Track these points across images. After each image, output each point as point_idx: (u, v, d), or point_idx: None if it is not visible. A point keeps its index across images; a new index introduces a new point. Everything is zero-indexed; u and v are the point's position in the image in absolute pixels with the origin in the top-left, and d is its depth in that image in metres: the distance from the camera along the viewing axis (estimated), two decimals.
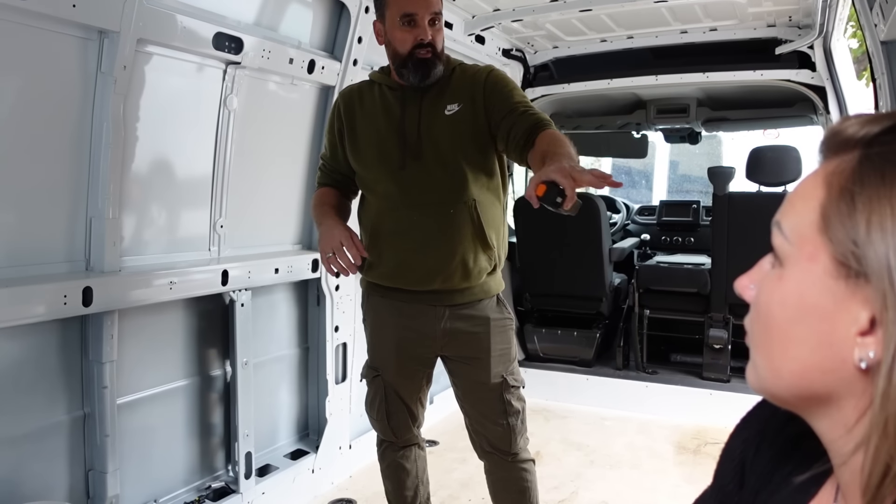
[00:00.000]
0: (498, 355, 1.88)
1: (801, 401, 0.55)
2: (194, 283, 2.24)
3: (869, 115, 0.53)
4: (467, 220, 1.78)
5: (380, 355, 1.96)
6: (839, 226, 0.50)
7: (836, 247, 0.50)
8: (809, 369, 0.52)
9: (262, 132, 2.51)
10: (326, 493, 2.81)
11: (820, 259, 0.51)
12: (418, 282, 1.82)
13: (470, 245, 1.80)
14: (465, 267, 1.80)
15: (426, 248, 1.78)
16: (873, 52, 2.17)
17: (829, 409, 0.53)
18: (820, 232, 0.51)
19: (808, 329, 0.51)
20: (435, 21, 1.74)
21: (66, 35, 1.81)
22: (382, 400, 1.96)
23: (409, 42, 1.73)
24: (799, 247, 0.52)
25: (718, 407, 3.47)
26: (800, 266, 0.52)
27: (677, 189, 8.13)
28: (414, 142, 1.77)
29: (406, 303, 1.87)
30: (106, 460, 1.96)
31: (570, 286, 4.07)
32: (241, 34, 2.23)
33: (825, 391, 0.52)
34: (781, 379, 0.55)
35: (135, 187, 2.07)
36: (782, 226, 0.54)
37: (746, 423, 0.71)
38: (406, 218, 1.79)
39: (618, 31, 3.70)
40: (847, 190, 0.50)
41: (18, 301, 1.70)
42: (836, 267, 0.50)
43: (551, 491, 2.78)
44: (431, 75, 1.76)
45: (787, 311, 0.53)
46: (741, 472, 0.69)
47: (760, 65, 3.57)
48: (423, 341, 1.89)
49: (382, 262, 1.84)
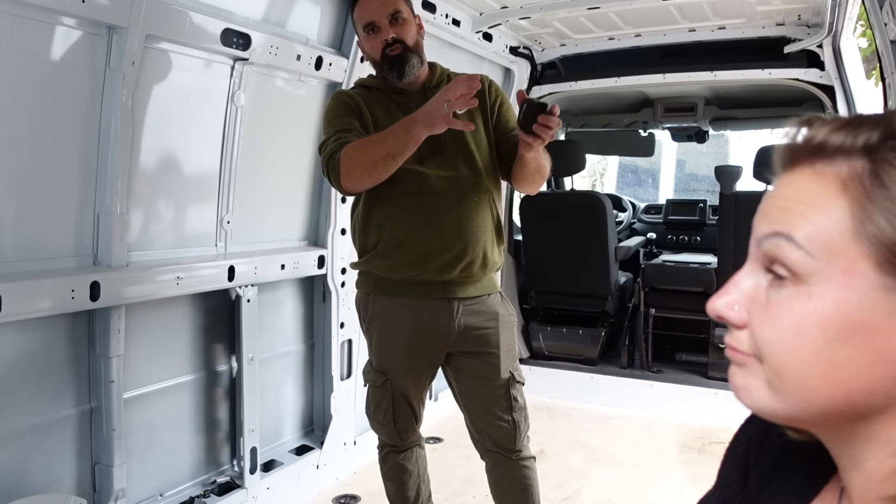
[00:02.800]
0: (506, 350, 1.89)
1: (828, 420, 0.51)
2: (201, 278, 2.25)
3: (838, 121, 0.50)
4: (487, 210, 1.84)
5: (390, 359, 1.91)
6: (886, 222, 0.46)
7: (884, 249, 0.46)
8: (855, 391, 0.48)
9: (269, 128, 2.52)
10: (331, 489, 2.82)
11: (860, 271, 0.47)
12: (440, 270, 1.80)
13: (490, 235, 1.85)
14: (485, 256, 1.83)
15: (453, 234, 1.78)
16: (883, 51, 2.16)
17: (857, 426, 0.50)
18: (856, 238, 0.47)
19: (856, 349, 0.47)
20: (396, 18, 1.79)
21: (74, 30, 1.82)
22: (390, 404, 1.93)
23: (378, 47, 1.81)
24: (829, 261, 0.48)
25: (723, 406, 3.45)
26: (836, 281, 0.48)
27: (684, 188, 8.12)
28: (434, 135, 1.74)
29: (417, 298, 1.83)
30: (112, 454, 1.97)
31: (576, 284, 4.06)
32: (249, 30, 2.23)
33: (864, 409, 0.49)
34: (814, 405, 0.50)
35: (142, 183, 2.08)
36: (796, 238, 0.49)
37: (750, 422, 0.70)
38: (432, 205, 1.78)
39: (626, 29, 3.69)
40: (881, 186, 0.47)
41: (27, 295, 1.71)
42: (883, 275, 0.46)
43: (555, 489, 2.78)
44: (406, 69, 1.80)
45: (829, 332, 0.48)
46: (744, 472, 0.68)
47: (769, 63, 3.55)
48: (436, 340, 1.86)
49: (402, 252, 1.80)
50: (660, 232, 4.84)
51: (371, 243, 1.85)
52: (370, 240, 1.85)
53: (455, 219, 1.79)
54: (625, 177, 8.78)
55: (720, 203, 3.77)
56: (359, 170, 1.68)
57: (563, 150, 4.23)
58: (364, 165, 1.67)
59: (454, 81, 1.58)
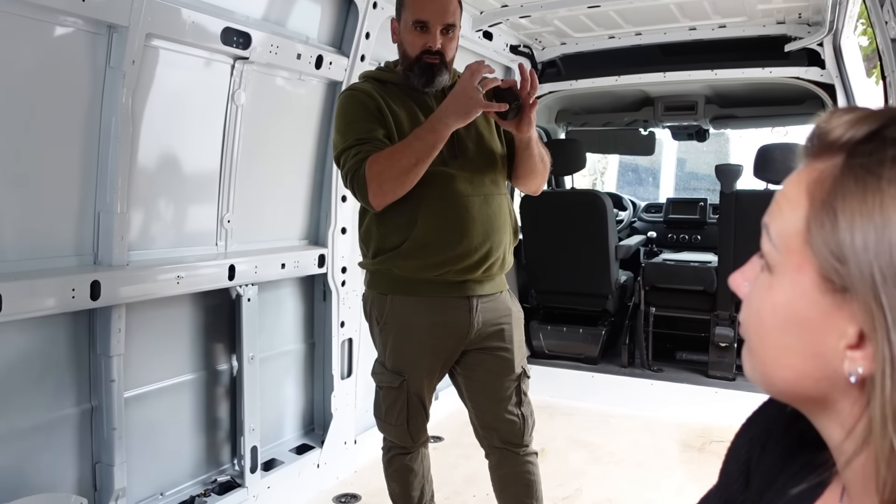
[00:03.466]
0: (518, 346, 1.92)
1: (795, 401, 0.55)
2: (201, 277, 2.25)
3: (857, 113, 0.51)
4: (507, 211, 1.87)
5: (408, 360, 1.87)
6: (822, 241, 0.49)
7: (821, 261, 0.49)
8: (801, 377, 0.52)
9: (269, 127, 2.52)
10: (331, 488, 2.82)
11: (807, 271, 0.50)
12: (465, 270, 1.79)
13: (508, 236, 1.87)
14: (505, 256, 1.86)
15: (480, 236, 1.79)
16: (883, 50, 2.16)
17: (826, 411, 0.53)
18: (805, 244, 0.50)
19: (798, 339, 0.51)
20: (448, 30, 1.77)
21: (75, 29, 1.82)
22: (404, 406, 1.89)
23: (419, 47, 1.76)
24: (786, 257, 0.52)
25: (724, 405, 3.47)
26: (789, 276, 0.52)
27: (684, 186, 8.12)
28: (456, 136, 1.75)
29: (438, 297, 1.81)
30: (113, 453, 1.97)
31: (577, 283, 4.06)
32: (249, 29, 2.23)
33: (819, 395, 0.52)
34: (774, 385, 0.55)
35: (143, 182, 2.08)
36: (770, 230, 0.54)
37: (753, 421, 0.70)
38: (459, 207, 1.76)
39: (626, 28, 3.68)
40: (829, 205, 0.49)
41: (27, 294, 1.71)
42: (822, 281, 0.49)
43: (556, 488, 2.78)
44: (436, 82, 1.79)
45: (777, 320, 0.53)
46: (746, 472, 0.68)
47: (769, 62, 3.55)
48: (454, 338, 1.85)
49: (428, 252, 1.77)
50: (660, 231, 4.84)
51: (391, 244, 1.79)
52: (390, 240, 1.79)
53: (481, 220, 1.79)
54: (625, 175, 8.78)
55: (721, 202, 3.77)
56: (389, 184, 1.65)
57: (563, 149, 4.23)
58: (394, 178, 1.65)
59: (467, 69, 1.62)
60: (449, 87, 1.81)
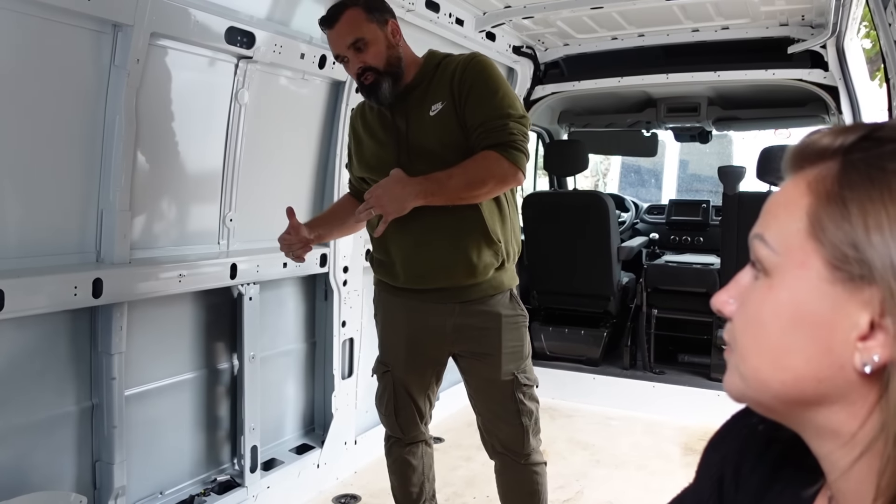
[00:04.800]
0: (509, 352, 1.87)
1: (787, 407, 0.54)
2: (203, 276, 2.25)
3: (837, 127, 0.53)
4: (468, 215, 1.76)
5: (390, 351, 1.98)
6: (834, 229, 0.49)
7: (831, 250, 0.49)
8: (803, 378, 0.51)
9: (272, 127, 2.52)
10: (331, 489, 2.82)
11: (812, 265, 0.50)
12: (423, 279, 1.82)
13: (472, 240, 1.78)
14: (468, 262, 1.78)
15: (428, 244, 1.79)
16: (887, 52, 2.15)
17: (819, 417, 0.52)
18: (810, 237, 0.50)
19: (804, 337, 0.50)
20: (358, 47, 1.74)
21: (80, 28, 1.82)
22: (391, 396, 1.97)
23: (353, 76, 1.81)
24: (787, 256, 0.52)
25: (726, 408, 3.34)
26: (791, 274, 0.51)
27: (687, 188, 8.12)
28: (406, 145, 1.79)
29: (416, 300, 1.87)
30: (113, 451, 1.98)
31: (578, 284, 4.06)
32: (253, 29, 2.24)
33: (816, 398, 0.51)
34: (769, 389, 0.53)
35: (146, 180, 2.08)
36: (766, 238, 0.53)
37: (723, 438, 0.71)
38: (405, 221, 1.71)
39: (629, 29, 3.68)
40: (836, 194, 0.49)
41: (30, 291, 1.71)
42: (830, 271, 0.49)
43: (557, 490, 2.77)
44: (381, 96, 1.78)
45: (782, 320, 0.52)
46: (719, 489, 0.68)
47: (772, 64, 3.54)
48: (433, 338, 1.89)
49: (389, 262, 1.87)
50: (662, 232, 4.83)
51: (375, 249, 1.92)
52: (374, 247, 1.92)
53: (430, 230, 1.77)
54: (628, 177, 8.79)
55: (723, 203, 3.76)
56: None
57: (565, 150, 4.23)
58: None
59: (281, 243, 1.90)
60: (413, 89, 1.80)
